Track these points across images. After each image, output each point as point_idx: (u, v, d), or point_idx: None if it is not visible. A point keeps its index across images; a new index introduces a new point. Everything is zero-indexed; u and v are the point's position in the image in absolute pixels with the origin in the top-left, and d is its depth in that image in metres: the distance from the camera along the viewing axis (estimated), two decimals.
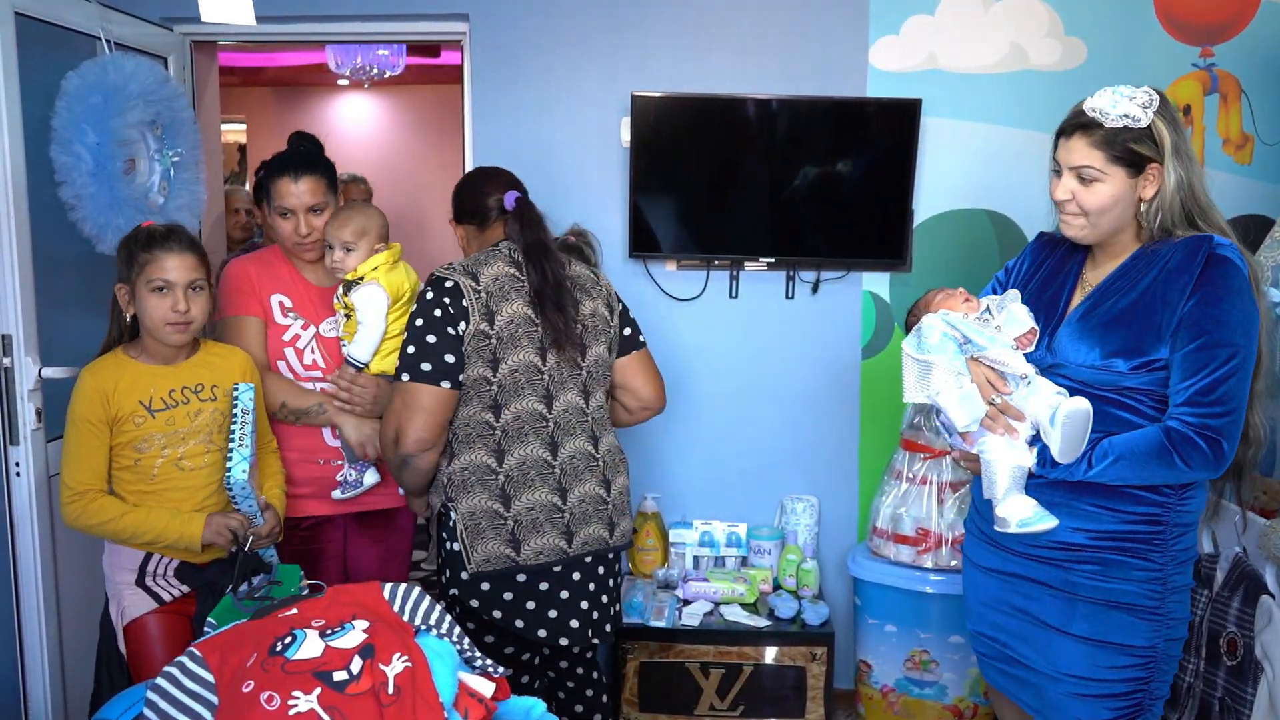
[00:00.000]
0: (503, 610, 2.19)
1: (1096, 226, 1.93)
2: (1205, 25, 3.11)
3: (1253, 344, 1.84)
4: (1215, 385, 1.81)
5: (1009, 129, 3.17)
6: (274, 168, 2.47)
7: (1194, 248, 1.86)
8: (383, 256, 2.42)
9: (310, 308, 2.50)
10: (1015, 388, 1.95)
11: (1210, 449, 1.81)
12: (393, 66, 5.27)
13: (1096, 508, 1.92)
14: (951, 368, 1.95)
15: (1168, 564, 1.91)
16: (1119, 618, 1.92)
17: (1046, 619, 1.99)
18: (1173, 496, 1.90)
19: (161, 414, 2.15)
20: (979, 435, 1.97)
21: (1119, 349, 1.88)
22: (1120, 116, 1.86)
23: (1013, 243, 3.20)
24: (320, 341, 2.48)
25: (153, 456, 2.14)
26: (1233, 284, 1.82)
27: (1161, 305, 1.86)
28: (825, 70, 3.17)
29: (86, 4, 2.73)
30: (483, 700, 1.50)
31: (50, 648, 2.59)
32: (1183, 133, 1.89)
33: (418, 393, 2.12)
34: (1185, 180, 1.87)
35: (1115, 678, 1.94)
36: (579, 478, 2.24)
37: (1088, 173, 1.89)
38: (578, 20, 3.19)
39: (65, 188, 2.55)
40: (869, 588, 3.07)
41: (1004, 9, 3.13)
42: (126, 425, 2.12)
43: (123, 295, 2.18)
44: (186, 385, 2.19)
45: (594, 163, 3.24)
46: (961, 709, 3.02)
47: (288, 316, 2.48)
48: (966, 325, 1.98)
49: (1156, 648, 1.93)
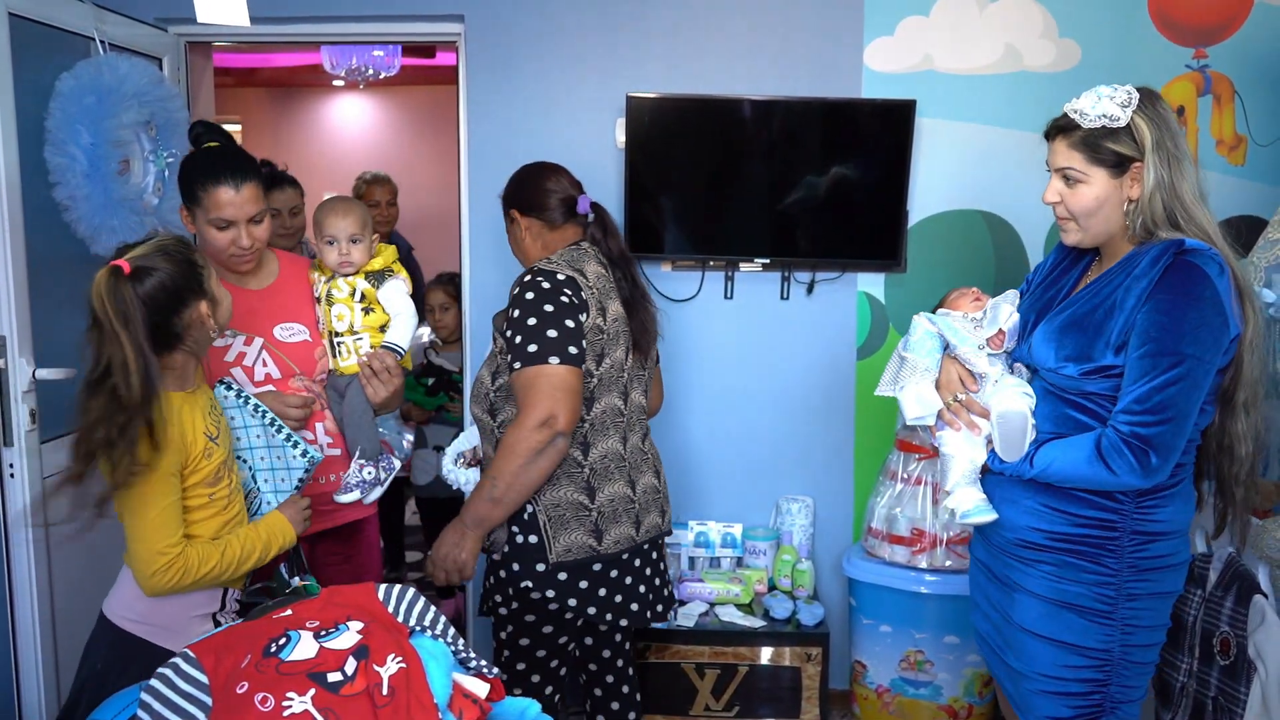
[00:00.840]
0: (577, 599, 2.24)
1: (1088, 230, 1.93)
2: (1199, 27, 3.12)
3: (1206, 354, 1.78)
4: (1152, 393, 1.78)
5: (1003, 130, 3.17)
6: (204, 172, 2.20)
7: (1160, 252, 1.83)
8: (391, 250, 2.42)
9: (249, 319, 2.27)
10: (982, 386, 2.01)
11: (1136, 458, 1.79)
12: (388, 67, 5.27)
13: (1047, 508, 1.93)
14: (919, 365, 2.04)
15: (1123, 570, 1.90)
16: (1069, 618, 1.93)
17: (1013, 615, 2.01)
18: (1128, 503, 1.88)
19: (220, 439, 1.97)
20: (940, 429, 2.05)
21: (1071, 354, 1.89)
22: (1099, 116, 1.85)
23: (1007, 244, 3.20)
24: (271, 351, 2.30)
25: (224, 486, 1.97)
26: (1192, 290, 1.78)
27: (1118, 311, 1.84)
28: (820, 71, 3.17)
29: (81, 5, 2.72)
30: (477, 701, 1.50)
31: (44, 650, 2.58)
32: (1169, 130, 1.85)
33: (569, 376, 2.16)
34: (1167, 179, 1.84)
35: (1072, 677, 1.95)
36: (640, 470, 2.37)
37: (1071, 174, 1.90)
38: (573, 21, 3.19)
39: (59, 189, 2.54)
40: (864, 588, 3.07)
41: (998, 10, 3.14)
42: (200, 462, 1.91)
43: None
44: (212, 406, 2.01)
45: (589, 164, 3.22)
46: (956, 709, 3.02)
47: (225, 336, 2.24)
48: (945, 324, 2.07)
49: (1112, 652, 1.92)
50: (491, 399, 2.30)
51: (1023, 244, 3.20)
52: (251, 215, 2.23)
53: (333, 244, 2.36)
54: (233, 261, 2.27)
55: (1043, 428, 1.95)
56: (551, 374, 2.14)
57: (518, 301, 2.22)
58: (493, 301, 3.28)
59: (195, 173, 2.21)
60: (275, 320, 2.33)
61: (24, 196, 2.50)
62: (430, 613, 1.64)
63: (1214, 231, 1.87)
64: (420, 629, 1.62)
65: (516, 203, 2.41)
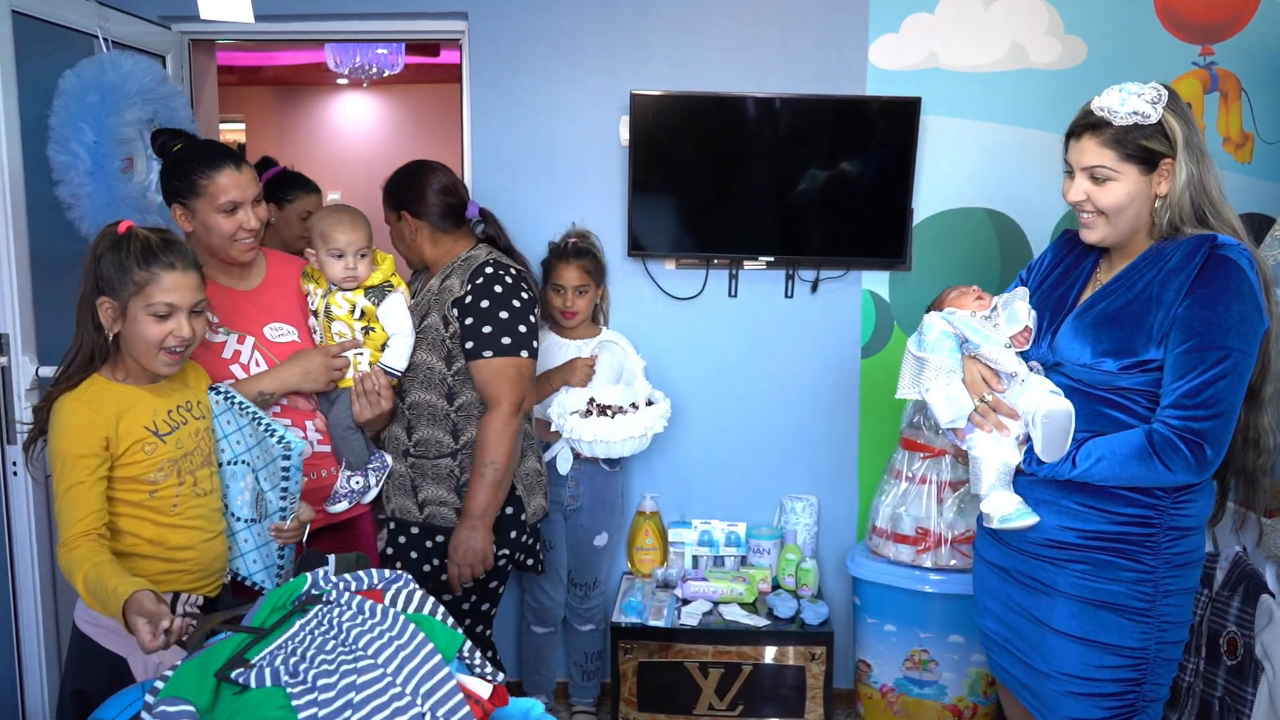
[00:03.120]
0: (526, 553, 2.56)
1: (1116, 227, 1.91)
2: (1205, 24, 3.11)
3: (1249, 347, 1.80)
4: (1202, 388, 1.78)
5: (1009, 127, 3.16)
6: (202, 161, 2.17)
7: (1195, 247, 1.83)
8: (390, 260, 2.39)
9: (239, 318, 2.24)
10: (1008, 385, 1.96)
11: (1192, 453, 1.79)
12: (391, 65, 5.27)
13: (1085, 507, 1.92)
14: (944, 365, 1.98)
15: (1160, 567, 1.89)
16: (1107, 618, 1.92)
17: (1041, 616, 1.99)
18: (1165, 499, 1.88)
19: (170, 437, 1.93)
20: (968, 431, 1.99)
21: (1110, 348, 1.87)
22: (1129, 114, 1.84)
23: (1013, 241, 3.19)
24: (262, 350, 2.25)
25: (170, 486, 1.92)
26: (1231, 285, 1.79)
27: (1156, 305, 1.84)
28: (825, 69, 3.16)
29: (84, 2, 2.72)
30: (480, 702, 1.50)
31: (48, 649, 2.58)
32: (1194, 127, 1.86)
33: (532, 367, 2.45)
34: (1196, 176, 1.84)
35: (1106, 677, 1.94)
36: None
37: (1100, 172, 1.88)
38: (576, 19, 3.18)
39: (62, 186, 2.54)
40: (868, 587, 3.06)
41: (1004, 7, 3.12)
42: (135, 455, 1.88)
43: (107, 312, 1.86)
44: (179, 405, 1.98)
45: (592, 161, 3.24)
46: (961, 709, 3.01)
47: (219, 333, 2.21)
48: (964, 323, 2.00)
49: (1148, 650, 1.92)
50: (450, 384, 2.41)
51: (1028, 241, 3.18)
52: (254, 195, 2.21)
53: (340, 257, 2.29)
54: (238, 248, 2.21)
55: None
56: (523, 365, 2.40)
57: (485, 292, 2.37)
58: None
59: (192, 164, 2.17)
60: (264, 321, 2.28)
61: (27, 194, 2.50)
62: (430, 604, 1.64)
63: (1240, 227, 1.88)
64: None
65: (410, 205, 2.49)
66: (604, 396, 2.97)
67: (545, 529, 3.07)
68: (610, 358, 3.06)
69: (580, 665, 3.27)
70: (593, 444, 2.83)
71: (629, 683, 3.05)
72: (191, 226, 2.20)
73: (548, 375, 3.00)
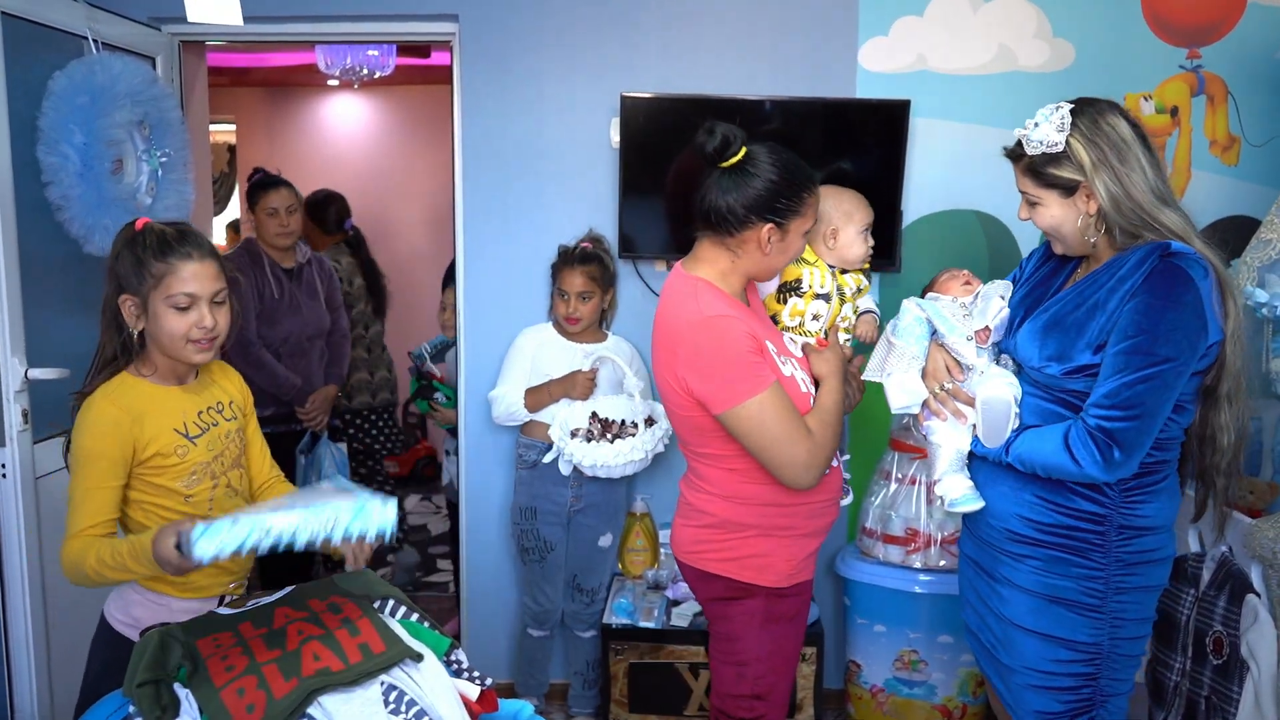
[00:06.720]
0: None
1: (1065, 243, 1.98)
2: (1192, 27, 3.12)
3: (1182, 355, 1.80)
4: (1122, 389, 1.80)
5: (998, 130, 3.17)
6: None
7: (1145, 255, 1.84)
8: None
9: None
10: (968, 376, 2.04)
11: (1100, 452, 1.82)
12: (382, 67, 5.25)
13: (1037, 498, 1.95)
14: (907, 353, 2.07)
15: (1110, 565, 1.92)
16: (1059, 612, 1.95)
17: (1004, 611, 2.03)
18: (1115, 498, 1.90)
19: (201, 440, 1.91)
20: (927, 417, 2.07)
21: (1054, 353, 1.91)
22: (1038, 143, 1.90)
23: (1002, 244, 3.20)
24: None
25: (203, 490, 1.90)
26: (1173, 293, 1.80)
27: (1100, 312, 1.87)
28: (814, 71, 3.17)
29: (73, 4, 2.71)
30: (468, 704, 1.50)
31: (37, 650, 2.57)
32: (1109, 142, 1.85)
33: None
34: (1119, 191, 1.85)
35: (1062, 671, 1.97)
36: None
37: (1029, 198, 1.96)
38: (567, 21, 3.19)
39: (52, 188, 2.54)
40: (858, 588, 3.07)
41: (992, 10, 3.14)
42: (169, 459, 1.86)
43: (130, 309, 1.86)
44: (210, 405, 1.96)
45: (583, 163, 3.24)
46: (950, 708, 3.02)
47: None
48: (935, 311, 2.08)
49: (1101, 645, 1.95)
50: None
51: (1017, 244, 3.20)
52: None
53: (861, 234, 2.35)
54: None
55: (1028, 420, 1.97)
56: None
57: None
58: (490, 300, 3.27)
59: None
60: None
61: (16, 196, 2.50)
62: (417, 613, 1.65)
63: (1185, 230, 1.87)
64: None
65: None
66: (605, 409, 2.98)
67: (546, 530, 3.07)
68: (610, 371, 3.06)
69: (581, 674, 3.24)
70: (594, 466, 2.91)
71: (619, 684, 3.05)
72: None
73: (547, 386, 3.01)
